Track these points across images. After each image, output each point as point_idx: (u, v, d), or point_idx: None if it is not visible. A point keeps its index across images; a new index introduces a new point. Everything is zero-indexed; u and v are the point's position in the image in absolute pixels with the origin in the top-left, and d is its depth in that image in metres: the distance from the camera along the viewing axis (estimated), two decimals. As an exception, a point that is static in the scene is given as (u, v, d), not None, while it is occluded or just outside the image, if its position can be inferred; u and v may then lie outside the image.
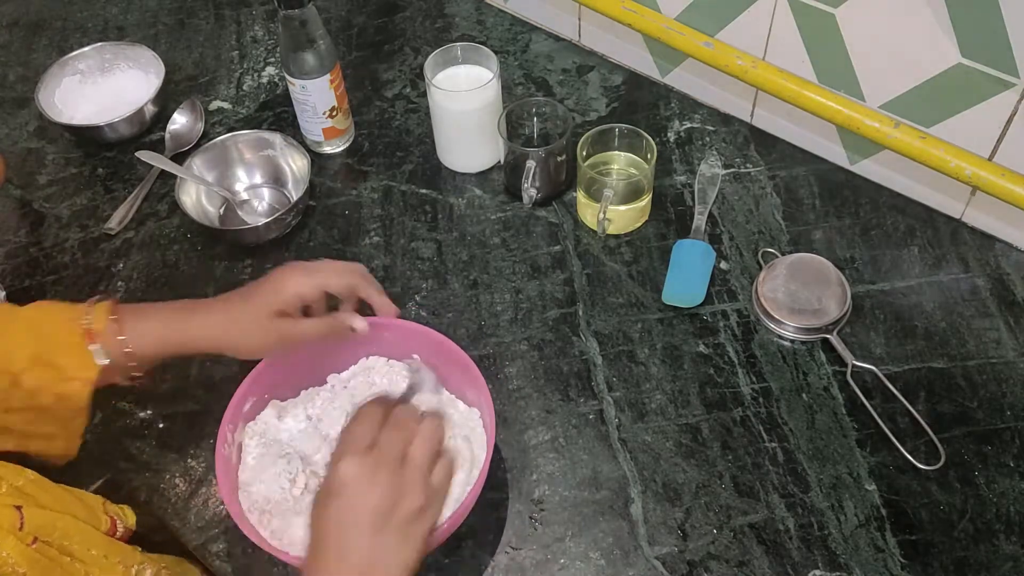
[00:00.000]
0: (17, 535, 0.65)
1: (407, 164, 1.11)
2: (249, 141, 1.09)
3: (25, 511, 0.67)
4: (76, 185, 1.12)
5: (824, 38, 0.97)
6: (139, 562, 0.75)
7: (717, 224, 1.02)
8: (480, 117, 1.04)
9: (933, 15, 0.87)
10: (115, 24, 1.31)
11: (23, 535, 0.66)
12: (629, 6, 1.08)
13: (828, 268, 0.95)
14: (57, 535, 0.68)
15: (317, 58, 1.03)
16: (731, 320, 0.95)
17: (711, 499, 0.83)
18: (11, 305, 0.76)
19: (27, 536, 0.66)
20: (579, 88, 1.17)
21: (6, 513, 0.66)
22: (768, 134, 1.10)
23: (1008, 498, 0.82)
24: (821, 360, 0.91)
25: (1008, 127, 0.90)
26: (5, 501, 0.67)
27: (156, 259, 1.04)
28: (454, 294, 0.99)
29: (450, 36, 1.25)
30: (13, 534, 0.65)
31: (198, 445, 0.89)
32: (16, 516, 0.66)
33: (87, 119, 1.15)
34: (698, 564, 0.80)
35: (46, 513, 0.69)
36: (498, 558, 0.81)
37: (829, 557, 0.79)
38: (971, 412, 0.87)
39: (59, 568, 0.68)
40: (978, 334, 0.92)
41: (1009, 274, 0.96)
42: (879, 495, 0.82)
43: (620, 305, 0.97)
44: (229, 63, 1.25)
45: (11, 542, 0.65)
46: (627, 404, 0.89)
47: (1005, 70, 0.86)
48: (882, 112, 0.97)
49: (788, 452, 0.85)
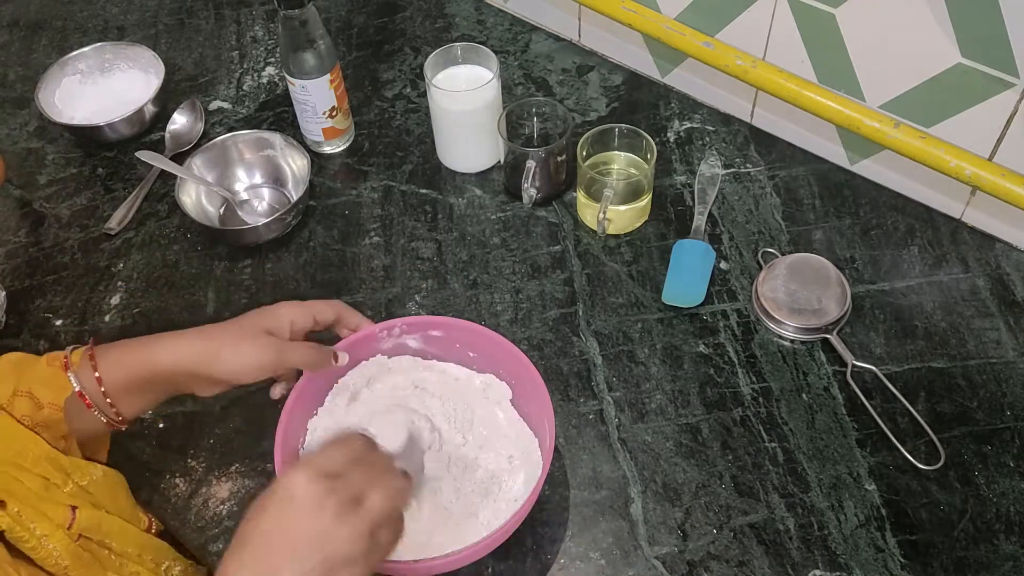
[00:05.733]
0: (65, 532, 0.67)
1: (407, 164, 1.11)
2: (249, 141, 1.09)
3: (79, 512, 0.68)
4: (76, 185, 1.12)
5: (824, 38, 0.97)
6: (171, 558, 0.77)
7: (717, 224, 1.02)
8: (480, 117, 1.04)
9: (933, 15, 0.87)
10: (115, 24, 1.31)
11: (71, 532, 0.68)
12: (629, 6, 1.08)
13: (828, 268, 0.95)
14: (101, 534, 0.70)
15: (317, 58, 1.03)
16: (731, 320, 0.95)
17: (711, 499, 0.83)
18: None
19: (74, 533, 0.68)
20: (579, 88, 1.17)
21: (61, 511, 0.68)
22: (768, 134, 1.10)
23: (1008, 498, 0.82)
24: (821, 360, 0.91)
25: (1008, 127, 0.90)
26: (64, 500, 0.69)
27: (156, 259, 1.04)
28: (454, 294, 0.99)
29: (450, 36, 1.25)
30: (62, 530, 0.67)
31: (198, 445, 0.89)
32: (69, 516, 0.68)
33: (87, 119, 1.15)
34: (698, 564, 0.80)
35: (96, 514, 0.71)
36: (498, 558, 0.81)
37: (829, 557, 0.79)
38: (971, 412, 0.87)
39: (97, 562, 0.69)
40: (978, 334, 0.92)
41: (1009, 274, 0.96)
42: (879, 495, 0.82)
43: (620, 305, 0.97)
44: (229, 63, 1.25)
45: (59, 536, 0.66)
46: (627, 404, 0.89)
47: (1005, 70, 0.86)
48: (882, 112, 0.97)
49: (788, 452, 0.85)
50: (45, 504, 0.67)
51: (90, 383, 0.73)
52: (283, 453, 0.78)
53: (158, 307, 1.00)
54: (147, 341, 0.75)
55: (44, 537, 0.65)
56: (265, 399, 0.86)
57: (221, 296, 1.01)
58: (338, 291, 1.00)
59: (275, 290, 1.01)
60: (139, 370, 0.74)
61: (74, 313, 1.00)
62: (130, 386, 0.74)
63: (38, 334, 0.98)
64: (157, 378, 0.75)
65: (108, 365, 0.73)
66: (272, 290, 1.01)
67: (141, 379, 0.74)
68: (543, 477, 0.75)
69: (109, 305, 1.00)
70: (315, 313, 0.80)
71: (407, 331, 0.86)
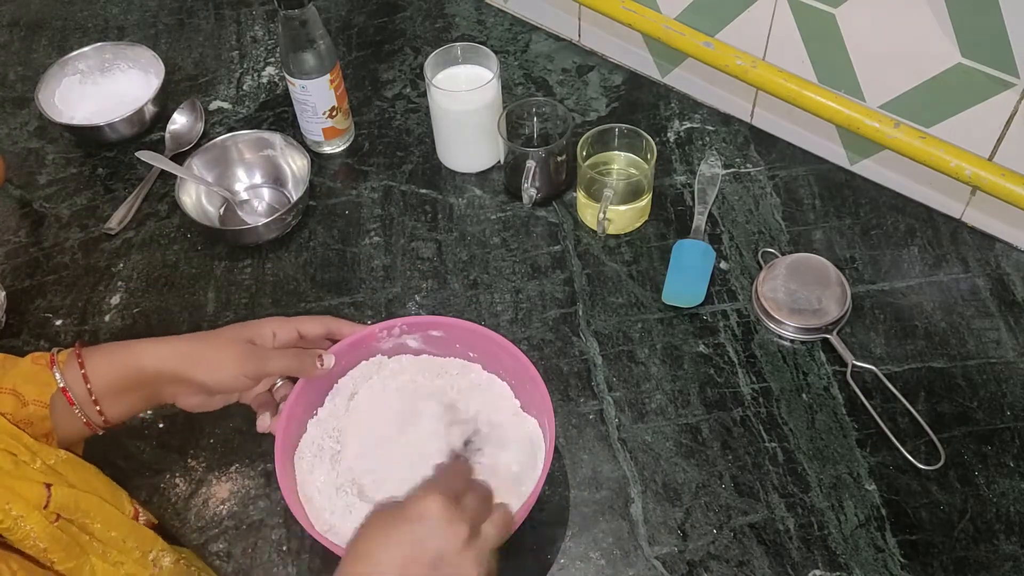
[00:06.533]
0: (42, 512, 0.66)
1: (407, 164, 1.11)
2: (249, 141, 1.09)
3: (54, 490, 0.68)
4: (76, 185, 1.12)
5: (824, 38, 0.97)
6: (159, 549, 0.75)
7: (717, 224, 1.02)
8: (480, 117, 1.04)
9: (933, 15, 0.87)
10: (115, 24, 1.31)
11: (47, 512, 0.67)
12: (629, 6, 1.08)
13: (828, 268, 0.95)
14: (80, 514, 0.69)
15: (317, 58, 1.03)
16: (731, 320, 0.95)
17: (711, 499, 0.83)
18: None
19: (51, 514, 0.67)
20: (579, 88, 1.17)
21: (35, 489, 0.67)
22: (768, 134, 1.10)
23: (1008, 498, 0.82)
24: (821, 360, 0.91)
25: (1008, 127, 0.90)
26: (36, 478, 0.68)
27: (156, 259, 1.04)
28: (454, 294, 0.99)
29: (450, 36, 1.25)
30: (38, 510, 0.66)
31: (198, 445, 0.89)
32: (44, 493, 0.67)
33: (87, 119, 1.15)
34: (698, 564, 0.80)
35: (72, 492, 0.69)
36: (498, 558, 0.81)
37: (829, 557, 0.79)
38: (971, 412, 0.87)
39: (77, 546, 0.68)
40: (978, 334, 0.92)
41: (1009, 274, 0.96)
42: (879, 495, 0.82)
43: (620, 305, 0.97)
44: (229, 63, 1.25)
45: (35, 517, 0.65)
46: (627, 404, 0.89)
47: (1005, 70, 0.86)
48: (882, 112, 0.97)
49: (788, 452, 0.85)
50: (17, 482, 0.66)
51: (76, 382, 0.73)
52: (283, 453, 0.78)
53: (158, 307, 1.00)
54: (132, 343, 0.76)
55: (20, 518, 0.65)
56: (265, 399, 0.86)
57: (221, 296, 1.01)
58: (338, 291, 1.00)
59: (275, 290, 1.01)
60: (124, 372, 0.74)
61: (74, 313, 1.00)
62: (116, 387, 0.74)
63: (38, 334, 0.98)
64: (141, 381, 0.75)
65: (94, 365, 0.74)
66: (272, 290, 1.01)
67: (126, 380, 0.74)
68: (543, 477, 0.75)
69: (109, 305, 1.00)
70: (299, 327, 0.80)
71: (407, 331, 0.86)
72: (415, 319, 0.86)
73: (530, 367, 0.80)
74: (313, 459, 0.80)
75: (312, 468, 0.80)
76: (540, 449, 0.80)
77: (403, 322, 0.85)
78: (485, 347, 0.84)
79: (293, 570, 0.81)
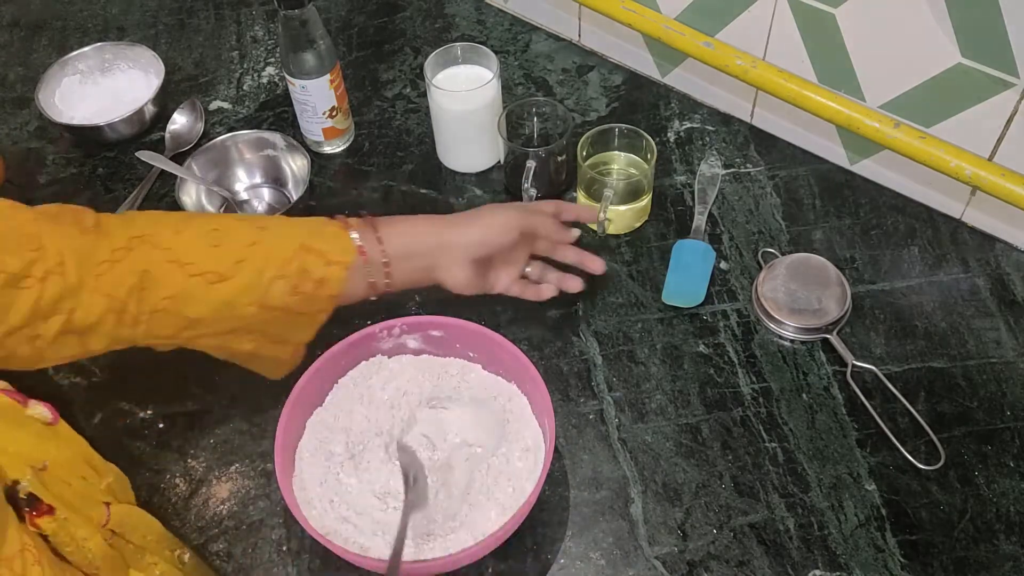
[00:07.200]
0: (101, 531, 0.68)
1: (407, 164, 1.11)
2: (249, 141, 1.09)
3: (112, 508, 0.70)
4: (76, 185, 1.12)
5: (824, 38, 0.97)
6: (181, 546, 0.79)
7: (717, 224, 1.02)
8: (480, 117, 1.04)
9: (933, 15, 0.87)
10: (115, 24, 1.31)
11: (105, 531, 0.69)
12: (629, 6, 1.08)
13: (828, 268, 0.95)
14: (128, 527, 0.72)
15: (317, 58, 1.03)
16: (731, 320, 0.95)
17: (711, 499, 0.83)
18: None
19: (107, 531, 0.69)
20: (579, 88, 1.17)
21: (99, 510, 0.69)
22: (768, 134, 1.10)
23: (1008, 498, 0.82)
24: (821, 360, 0.91)
25: (1008, 127, 0.90)
26: (100, 498, 0.71)
27: (156, 259, 1.04)
28: (454, 293, 0.99)
29: (450, 36, 1.25)
30: (99, 531, 0.68)
31: (198, 445, 0.89)
32: (105, 513, 0.69)
33: (87, 119, 1.15)
34: (698, 564, 0.80)
35: (125, 507, 0.73)
36: (498, 558, 0.81)
37: (829, 557, 0.79)
38: (971, 412, 0.87)
39: (122, 559, 0.71)
40: (978, 334, 0.92)
41: (1009, 274, 0.96)
42: (879, 495, 0.82)
43: (620, 305, 0.97)
44: (229, 63, 1.25)
45: (97, 539, 0.68)
46: (627, 404, 0.89)
47: (1005, 70, 0.86)
48: (882, 112, 0.97)
49: (788, 452, 0.85)
50: (86, 504, 0.68)
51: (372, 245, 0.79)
52: (283, 453, 0.78)
53: (158, 307, 1.00)
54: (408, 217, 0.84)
55: (84, 540, 0.66)
56: (265, 399, 0.86)
57: (221, 296, 1.00)
58: (338, 291, 1.00)
59: (275, 290, 1.00)
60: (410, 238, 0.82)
61: (74, 313, 1.00)
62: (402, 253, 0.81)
63: (38, 334, 0.98)
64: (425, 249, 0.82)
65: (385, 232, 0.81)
66: (272, 290, 1.00)
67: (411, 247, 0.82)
68: (543, 477, 0.75)
69: (109, 305, 1.00)
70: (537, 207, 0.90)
71: (407, 331, 0.86)
72: (415, 319, 0.86)
73: (530, 367, 0.80)
74: (313, 459, 0.80)
75: (312, 468, 0.80)
76: (540, 449, 0.80)
77: (403, 322, 0.85)
78: (485, 347, 0.84)
79: (293, 570, 0.81)
